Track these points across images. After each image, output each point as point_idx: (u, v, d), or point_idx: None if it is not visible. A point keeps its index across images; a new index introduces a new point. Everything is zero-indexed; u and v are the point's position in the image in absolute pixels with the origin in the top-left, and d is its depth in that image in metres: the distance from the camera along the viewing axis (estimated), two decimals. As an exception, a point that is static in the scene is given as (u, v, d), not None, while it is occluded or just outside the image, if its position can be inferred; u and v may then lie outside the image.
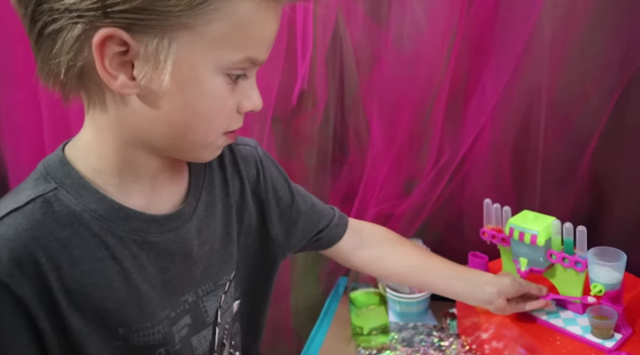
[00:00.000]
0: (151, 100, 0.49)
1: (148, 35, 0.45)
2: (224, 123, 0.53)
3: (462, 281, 0.82)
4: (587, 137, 1.00)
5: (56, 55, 0.47)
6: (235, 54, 0.49)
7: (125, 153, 0.53)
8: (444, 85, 1.04)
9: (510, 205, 0.92)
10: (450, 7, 1.00)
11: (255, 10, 0.48)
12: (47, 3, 0.45)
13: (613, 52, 0.96)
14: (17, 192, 0.52)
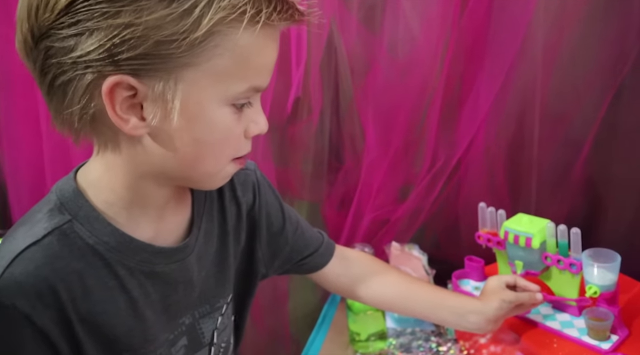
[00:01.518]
0: (162, 138, 0.51)
1: (154, 78, 0.47)
2: (233, 151, 0.55)
3: (447, 310, 0.81)
4: (581, 141, 1.01)
5: (68, 105, 0.49)
6: (240, 85, 0.51)
7: (136, 187, 0.54)
8: (437, 91, 1.05)
9: (505, 208, 0.92)
10: (442, 15, 1.01)
11: (255, 41, 0.49)
12: (54, 57, 0.47)
13: (604, 57, 0.97)
14: (32, 224, 0.52)
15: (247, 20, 0.47)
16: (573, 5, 0.96)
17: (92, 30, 0.45)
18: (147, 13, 0.45)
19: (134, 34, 0.45)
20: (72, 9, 0.45)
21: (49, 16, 0.46)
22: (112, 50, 0.45)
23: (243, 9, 0.46)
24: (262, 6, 0.47)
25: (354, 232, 1.17)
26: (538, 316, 0.87)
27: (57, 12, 0.46)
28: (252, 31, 0.48)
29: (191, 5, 0.45)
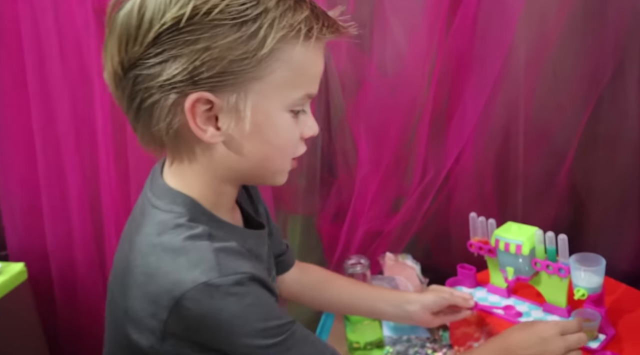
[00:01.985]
0: (235, 144, 0.58)
1: (228, 92, 0.55)
2: (293, 150, 0.63)
3: (386, 303, 0.89)
4: (565, 150, 1.05)
5: (156, 124, 0.56)
6: (297, 93, 0.59)
7: (218, 188, 0.62)
8: (426, 106, 1.09)
9: (494, 217, 0.97)
10: (429, 33, 1.06)
11: (308, 54, 0.57)
12: (142, 83, 0.55)
13: (583, 71, 1.02)
14: (184, 250, 0.56)
15: (302, 36, 0.55)
16: (553, 23, 1.01)
17: (175, 57, 0.53)
18: (222, 38, 0.52)
19: (212, 56, 0.53)
20: (159, 41, 0.53)
21: (138, 49, 0.53)
22: (193, 72, 0.53)
23: (298, 27, 0.54)
24: (313, 24, 0.55)
25: (348, 244, 1.20)
26: (530, 320, 0.91)
27: (145, 45, 0.53)
28: (306, 45, 0.56)
29: (257, 28, 0.53)
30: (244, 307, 0.54)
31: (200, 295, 0.53)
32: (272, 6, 0.54)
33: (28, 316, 1.26)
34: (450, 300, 0.89)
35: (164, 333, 0.55)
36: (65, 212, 1.28)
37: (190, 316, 0.54)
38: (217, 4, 0.52)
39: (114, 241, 1.27)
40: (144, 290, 0.56)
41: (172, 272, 0.54)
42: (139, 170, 1.24)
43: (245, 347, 0.55)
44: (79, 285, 1.33)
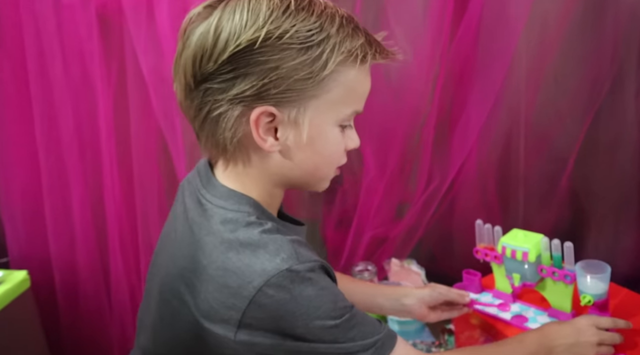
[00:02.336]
0: (289, 153, 0.64)
1: (289, 107, 0.61)
2: (339, 161, 0.68)
3: (383, 297, 0.93)
4: (565, 157, 1.08)
5: (221, 133, 0.62)
6: (347, 110, 0.64)
7: (270, 191, 0.67)
8: (431, 114, 1.11)
9: (496, 223, 0.98)
10: (432, 42, 1.08)
11: (360, 76, 0.63)
12: (212, 96, 0.60)
13: (583, 79, 1.05)
14: (257, 246, 0.60)
15: (358, 61, 0.61)
16: (553, 33, 1.04)
17: (246, 74, 0.59)
18: (289, 60, 0.58)
19: (279, 76, 0.58)
20: (232, 59, 0.58)
21: (212, 66, 0.59)
22: (261, 88, 0.59)
23: (355, 53, 0.60)
24: (367, 50, 0.61)
25: (354, 250, 1.22)
26: (536, 325, 0.92)
27: (219, 62, 0.59)
28: (361, 68, 0.62)
29: (320, 52, 0.59)
30: (318, 290, 0.59)
31: (283, 281, 0.57)
32: (333, 33, 0.60)
33: (31, 324, 1.26)
34: (446, 295, 0.92)
35: (240, 323, 0.58)
36: (67, 219, 1.28)
37: (270, 303, 0.58)
38: (288, 30, 0.58)
39: (117, 248, 1.28)
40: (222, 283, 0.59)
41: (254, 263, 0.58)
42: (143, 177, 1.24)
43: (319, 328, 0.59)
44: (81, 293, 1.33)
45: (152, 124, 1.22)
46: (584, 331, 0.77)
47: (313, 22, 0.59)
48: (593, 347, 0.77)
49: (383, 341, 0.63)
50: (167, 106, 1.18)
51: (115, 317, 1.33)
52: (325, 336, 0.60)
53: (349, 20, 0.61)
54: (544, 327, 0.79)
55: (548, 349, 0.75)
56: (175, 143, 1.21)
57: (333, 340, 0.60)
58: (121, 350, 1.34)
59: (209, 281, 0.60)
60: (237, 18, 0.58)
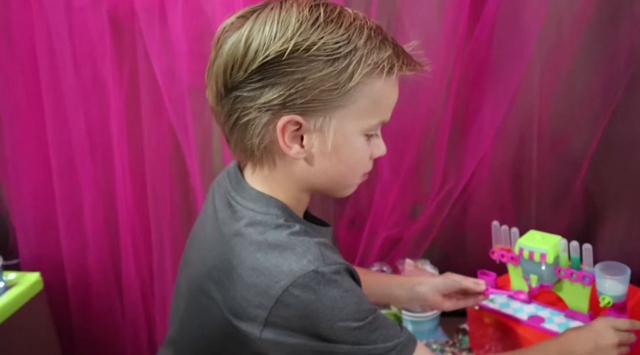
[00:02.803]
0: (314, 161, 0.65)
1: (315, 116, 0.62)
2: (364, 169, 0.70)
3: (398, 288, 0.95)
4: (580, 159, 1.09)
5: (249, 138, 0.64)
6: (373, 120, 0.65)
7: (297, 195, 0.69)
8: (445, 115, 1.11)
9: (510, 224, 0.99)
10: (447, 45, 1.08)
11: (387, 87, 0.64)
12: (241, 103, 0.62)
13: (598, 82, 1.06)
14: (284, 247, 0.62)
15: (385, 73, 0.62)
16: (569, 35, 1.05)
17: (274, 84, 0.60)
18: (316, 71, 0.60)
19: (305, 86, 0.60)
20: (261, 69, 0.60)
21: (242, 74, 0.61)
22: (288, 98, 0.60)
23: (382, 65, 0.61)
24: (394, 62, 0.62)
25: (368, 250, 1.22)
26: (553, 325, 0.94)
27: (249, 72, 0.60)
28: (388, 80, 0.63)
29: (346, 64, 0.60)
30: (342, 292, 0.60)
31: (309, 282, 0.59)
32: (361, 45, 0.60)
33: (44, 326, 1.26)
34: (460, 283, 0.93)
35: (266, 321, 0.60)
36: (79, 221, 1.28)
37: (296, 303, 0.59)
38: (316, 42, 0.59)
39: (129, 249, 1.28)
40: (249, 283, 0.61)
41: (282, 264, 0.60)
42: (155, 179, 1.24)
43: (342, 329, 0.60)
44: (93, 295, 1.33)
45: (165, 125, 1.22)
46: (603, 334, 0.78)
47: (341, 35, 0.60)
48: (613, 349, 0.78)
49: (403, 345, 0.64)
50: (179, 108, 1.18)
51: (127, 318, 1.33)
52: (348, 337, 0.61)
53: (377, 31, 0.62)
54: (563, 334, 0.81)
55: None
56: (187, 144, 1.21)
57: (355, 342, 0.61)
58: (134, 352, 1.34)
59: (237, 280, 0.62)
60: (267, 29, 0.60)
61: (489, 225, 1.00)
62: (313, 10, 0.60)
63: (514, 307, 1.00)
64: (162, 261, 1.27)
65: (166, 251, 1.27)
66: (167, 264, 1.28)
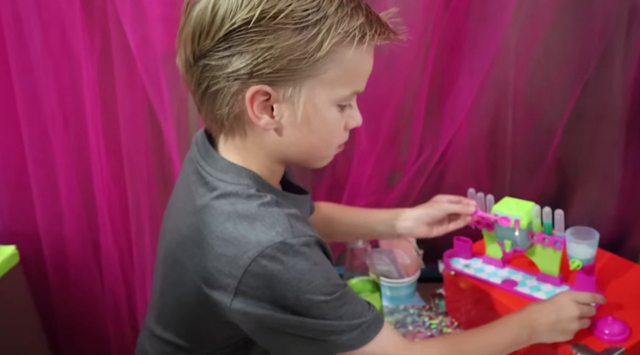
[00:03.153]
0: (285, 132, 0.65)
1: (284, 86, 0.61)
2: (338, 140, 0.70)
3: (382, 224, 0.95)
4: (553, 129, 1.11)
5: (219, 108, 0.63)
6: (346, 90, 0.64)
7: (270, 166, 0.69)
8: (423, 84, 1.12)
9: (485, 191, 1.01)
10: (425, 13, 1.08)
11: (359, 56, 0.62)
12: (210, 72, 0.61)
13: (572, 53, 1.07)
14: (254, 216, 0.62)
15: (355, 42, 0.60)
16: (545, 7, 1.05)
17: (241, 53, 0.59)
18: (284, 40, 0.58)
19: (273, 55, 0.59)
20: (228, 37, 0.59)
21: (209, 42, 0.60)
22: (255, 67, 0.59)
23: (353, 33, 0.59)
24: (366, 30, 0.60)
25: (346, 219, 1.23)
26: (525, 288, 0.98)
27: (216, 40, 0.59)
28: (359, 49, 0.61)
29: (315, 33, 0.59)
30: (311, 265, 0.61)
31: (276, 253, 0.59)
32: (331, 12, 0.59)
33: (22, 299, 1.24)
34: (447, 210, 0.92)
35: (236, 290, 0.61)
36: (54, 192, 1.25)
37: (264, 273, 0.60)
38: (283, 9, 0.57)
39: (107, 219, 1.26)
40: (219, 252, 0.61)
41: (250, 235, 0.60)
42: (130, 147, 1.22)
43: (309, 301, 0.61)
44: (71, 266, 1.32)
45: (139, 92, 1.19)
46: (564, 307, 0.80)
47: (310, 2, 0.58)
48: (574, 322, 0.80)
49: (369, 324, 0.65)
50: (153, 75, 1.15)
51: (107, 288, 1.33)
52: (314, 311, 0.61)
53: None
54: (525, 309, 0.81)
55: (531, 329, 0.78)
56: (163, 112, 1.18)
57: (321, 316, 0.62)
58: (114, 321, 1.34)
59: (208, 250, 0.62)
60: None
61: (465, 192, 1.02)
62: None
63: (488, 272, 1.04)
64: (140, 230, 1.26)
65: (144, 219, 1.26)
66: (145, 232, 1.27)
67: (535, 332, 0.78)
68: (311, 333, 0.62)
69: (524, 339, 0.77)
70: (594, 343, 0.83)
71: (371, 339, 0.65)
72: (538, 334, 0.78)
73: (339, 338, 0.63)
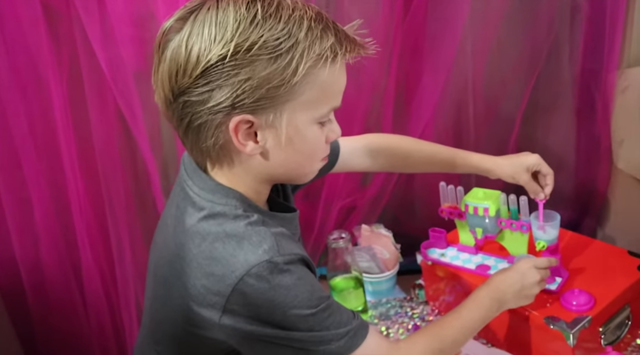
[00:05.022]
0: (270, 155, 0.67)
1: (265, 113, 0.63)
2: (321, 154, 0.72)
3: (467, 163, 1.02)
4: (512, 120, 1.19)
5: (203, 141, 0.65)
6: (324, 108, 0.67)
7: (257, 188, 0.71)
8: (389, 87, 1.18)
9: (454, 183, 1.08)
10: (386, 20, 1.14)
11: (333, 75, 0.65)
12: (190, 107, 0.63)
13: (523, 49, 1.15)
14: (241, 237, 0.65)
15: (329, 63, 0.63)
16: (496, 7, 1.13)
17: (220, 86, 0.61)
18: (260, 70, 0.60)
19: (252, 86, 0.60)
20: (205, 74, 0.60)
21: (187, 80, 0.61)
22: (236, 99, 0.61)
23: (325, 55, 0.62)
24: (337, 50, 0.63)
25: (324, 221, 1.28)
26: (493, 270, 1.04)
27: (194, 77, 0.61)
28: (332, 68, 0.64)
29: (289, 59, 0.61)
30: (295, 280, 0.64)
31: (262, 271, 0.62)
32: (302, 37, 0.61)
33: (2, 328, 1.23)
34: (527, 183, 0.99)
35: (224, 308, 0.63)
36: (29, 218, 1.24)
37: (251, 292, 0.62)
38: (256, 41, 0.59)
39: (86, 241, 1.26)
40: (208, 271, 0.64)
41: (238, 254, 0.63)
42: (106, 168, 1.23)
43: (295, 316, 0.64)
44: (51, 290, 1.30)
45: (111, 112, 1.20)
46: (527, 274, 0.86)
47: (281, 30, 0.60)
48: (536, 286, 0.86)
49: (355, 331, 0.68)
50: (126, 94, 1.17)
51: (90, 310, 1.32)
52: (301, 324, 0.64)
53: (318, 20, 0.62)
54: (490, 280, 0.85)
55: (499, 301, 0.83)
56: (137, 130, 1.20)
57: (309, 328, 0.64)
58: (100, 343, 1.34)
59: (197, 268, 0.64)
60: (206, 33, 0.60)
61: (436, 187, 1.09)
62: (250, 7, 0.60)
63: (463, 259, 1.10)
64: (120, 248, 1.27)
65: (124, 238, 1.27)
66: (125, 250, 1.27)
67: (503, 302, 0.83)
68: (300, 344, 0.65)
69: (494, 310, 0.82)
70: (563, 314, 0.90)
71: (359, 345, 0.68)
72: (506, 303, 0.84)
73: (328, 347, 0.65)
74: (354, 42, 0.65)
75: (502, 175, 1.00)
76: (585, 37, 1.18)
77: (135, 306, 1.31)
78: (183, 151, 1.22)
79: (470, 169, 1.01)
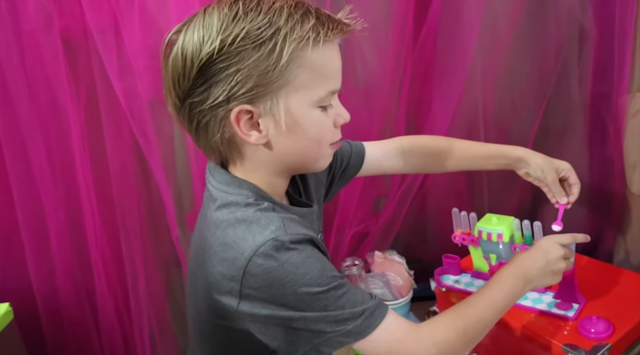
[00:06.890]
0: (276, 143, 0.69)
1: (262, 101, 0.66)
2: (329, 138, 0.73)
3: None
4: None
5: (212, 137, 0.69)
6: (320, 91, 0.68)
7: (272, 181, 0.73)
8: (400, 113, 1.19)
9: (467, 209, 1.08)
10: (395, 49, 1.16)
11: (322, 55, 0.66)
12: (196, 108, 0.67)
13: (533, 74, 1.16)
14: (251, 221, 0.66)
15: (312, 42, 0.64)
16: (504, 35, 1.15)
17: (216, 82, 0.65)
18: (247, 59, 0.63)
19: (242, 76, 0.64)
20: (201, 73, 0.64)
21: (188, 83, 0.66)
22: (230, 91, 0.64)
23: (307, 35, 0.64)
24: (320, 29, 0.65)
25: (338, 247, 1.28)
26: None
27: (192, 79, 0.65)
28: (317, 49, 0.65)
29: (273, 45, 0.63)
30: (304, 258, 0.64)
31: (269, 250, 0.63)
32: (282, 24, 0.64)
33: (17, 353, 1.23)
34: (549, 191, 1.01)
35: (240, 293, 0.64)
36: (46, 247, 1.26)
37: (260, 272, 0.63)
38: (239, 34, 0.63)
39: (101, 269, 1.27)
40: (222, 257, 0.65)
41: (247, 237, 0.65)
42: (122, 197, 1.24)
43: (306, 294, 0.63)
44: (66, 318, 1.31)
45: (127, 142, 1.23)
46: (550, 249, 0.82)
47: (261, 20, 0.63)
48: (561, 261, 0.83)
49: (372, 310, 0.65)
50: (142, 124, 1.19)
51: (104, 340, 1.32)
52: (314, 304, 0.63)
53: (298, 7, 0.65)
54: (513, 260, 0.82)
55: (525, 277, 0.78)
56: (153, 159, 1.22)
57: (323, 308, 0.63)
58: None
59: (213, 256, 0.67)
60: (195, 36, 0.64)
61: (448, 212, 1.09)
62: (232, 6, 0.64)
63: (478, 285, 1.09)
64: (135, 277, 1.28)
65: (138, 266, 1.28)
66: (140, 279, 1.28)
67: (529, 279, 0.79)
68: (317, 325, 0.64)
69: (520, 288, 0.78)
70: (582, 342, 0.89)
71: (377, 325, 0.65)
72: (532, 280, 0.79)
73: (345, 327, 0.64)
74: (337, 22, 0.66)
75: (532, 164, 0.99)
76: (594, 61, 1.19)
77: (149, 333, 1.31)
78: (197, 179, 1.24)
79: (502, 159, 1.00)
